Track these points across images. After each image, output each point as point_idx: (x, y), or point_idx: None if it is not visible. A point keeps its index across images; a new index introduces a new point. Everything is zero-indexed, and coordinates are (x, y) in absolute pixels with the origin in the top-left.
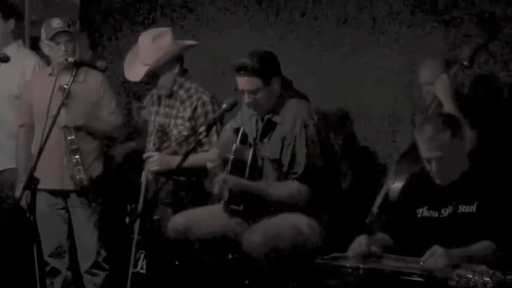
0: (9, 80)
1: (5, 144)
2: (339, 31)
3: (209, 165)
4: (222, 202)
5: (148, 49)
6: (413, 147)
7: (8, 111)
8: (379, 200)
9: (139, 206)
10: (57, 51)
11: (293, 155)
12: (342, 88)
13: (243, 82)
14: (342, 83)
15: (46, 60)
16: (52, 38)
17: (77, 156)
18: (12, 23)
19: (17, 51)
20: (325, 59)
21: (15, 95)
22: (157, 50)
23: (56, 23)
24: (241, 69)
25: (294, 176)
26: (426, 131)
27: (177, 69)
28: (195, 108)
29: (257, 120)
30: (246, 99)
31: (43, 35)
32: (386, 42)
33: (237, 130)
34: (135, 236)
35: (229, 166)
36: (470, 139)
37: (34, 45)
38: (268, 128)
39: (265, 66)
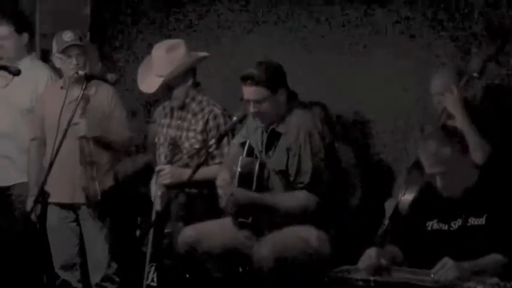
0: (22, 94)
1: (18, 158)
2: (349, 39)
3: (218, 182)
4: (231, 216)
5: (163, 61)
6: None
7: (20, 124)
8: (389, 211)
9: (152, 219)
10: (68, 65)
11: (299, 165)
12: (352, 98)
13: (249, 92)
14: (352, 92)
15: (59, 73)
16: (63, 51)
17: (93, 169)
18: (25, 36)
19: (31, 65)
20: (334, 67)
21: (28, 109)
22: (171, 61)
23: (68, 36)
24: (247, 78)
25: (300, 185)
26: (428, 147)
27: (190, 82)
28: (207, 121)
29: (262, 132)
30: (252, 108)
31: (54, 48)
32: (398, 51)
33: (243, 143)
34: (149, 249)
35: (236, 179)
36: (481, 150)
37: (45, 57)
38: (273, 138)
39: (272, 77)
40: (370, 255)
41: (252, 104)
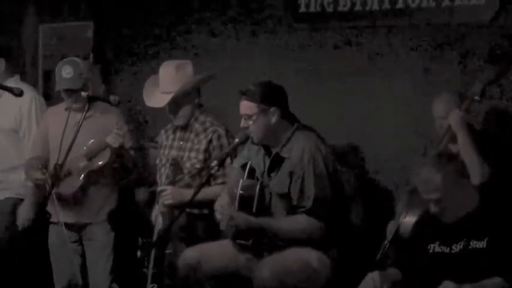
0: (7, 114)
1: (3, 176)
2: (351, 62)
3: (215, 207)
4: (231, 238)
5: (172, 78)
6: None
7: (5, 145)
8: (390, 234)
9: (153, 239)
10: (67, 98)
11: (302, 189)
12: (353, 121)
13: (242, 106)
14: (353, 115)
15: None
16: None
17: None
18: (2, 62)
19: (15, 86)
20: (335, 91)
21: (13, 129)
22: (181, 78)
23: (66, 73)
24: (242, 93)
25: (302, 209)
26: (422, 174)
27: (196, 101)
28: (211, 141)
29: (264, 154)
30: (242, 123)
31: (56, 76)
32: (399, 74)
33: (244, 165)
34: (150, 269)
35: (236, 201)
36: (481, 171)
37: (47, 78)
38: (276, 162)
39: (264, 94)
40: (372, 279)
41: (243, 119)
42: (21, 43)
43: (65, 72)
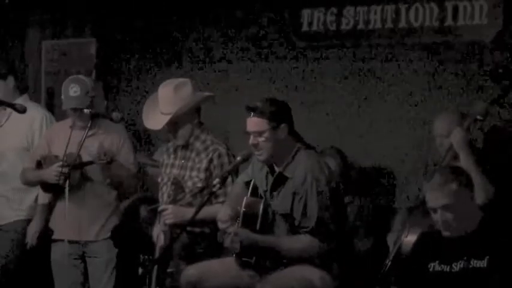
0: (18, 134)
1: (13, 197)
2: (351, 82)
3: (219, 217)
4: (234, 255)
5: (170, 99)
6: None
7: (17, 164)
8: (391, 253)
9: (155, 257)
10: (73, 116)
11: (304, 209)
12: (354, 141)
13: (250, 123)
14: (354, 135)
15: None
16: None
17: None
18: (11, 80)
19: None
20: (336, 111)
21: (25, 147)
22: (179, 99)
23: (74, 91)
24: (250, 110)
25: (305, 229)
26: (435, 179)
27: (195, 121)
28: (211, 160)
29: (267, 173)
30: (251, 140)
31: (62, 93)
32: (398, 94)
33: (247, 182)
34: (153, 287)
35: (240, 219)
36: (484, 191)
37: (50, 95)
38: (279, 181)
39: (273, 111)
40: None
41: (252, 136)
42: (24, 60)
43: (72, 90)
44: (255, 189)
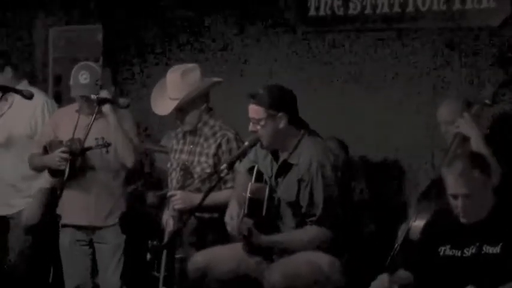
0: (21, 121)
1: (22, 185)
2: (357, 71)
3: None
4: (242, 242)
5: (178, 84)
6: (433, 186)
7: (22, 151)
8: (399, 238)
9: (164, 243)
10: (81, 102)
11: (311, 197)
12: (359, 128)
13: (251, 109)
14: (363, 119)
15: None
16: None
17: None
18: (8, 71)
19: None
20: (341, 99)
21: (28, 135)
22: (186, 85)
23: (83, 78)
24: (251, 97)
25: (312, 218)
26: (457, 167)
27: (203, 106)
28: (220, 145)
29: (272, 159)
30: (251, 126)
31: (71, 80)
32: (404, 80)
33: (251, 168)
34: (161, 273)
35: (246, 205)
36: (495, 172)
37: (57, 81)
38: (284, 168)
39: (273, 99)
40: (381, 281)
41: (252, 123)
42: (32, 46)
43: (82, 77)
44: (259, 175)
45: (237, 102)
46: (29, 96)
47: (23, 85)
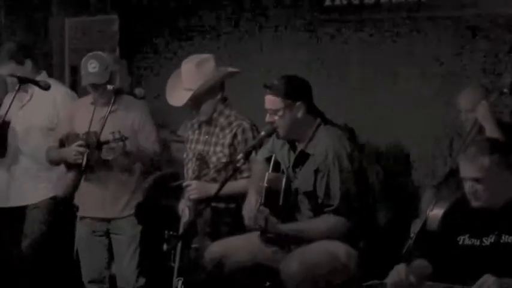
0: (42, 113)
1: (43, 175)
2: (371, 59)
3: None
4: (259, 232)
5: (192, 75)
6: (452, 174)
7: (42, 143)
8: (416, 227)
9: (179, 232)
10: (93, 92)
11: (327, 187)
12: (376, 116)
13: (267, 100)
14: (379, 109)
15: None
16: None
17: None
18: (29, 63)
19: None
20: (358, 88)
21: (48, 127)
22: (201, 75)
23: (92, 67)
24: (267, 87)
25: (329, 208)
26: (470, 151)
27: (219, 96)
28: (235, 135)
29: (289, 149)
30: (267, 118)
31: (81, 71)
32: (421, 68)
33: (268, 158)
34: (177, 263)
35: (263, 195)
36: None
37: (74, 72)
38: (301, 159)
39: (290, 89)
40: (398, 271)
41: (268, 114)
42: (48, 37)
43: (91, 66)
44: (276, 164)
45: (250, 92)
46: (46, 87)
47: (42, 76)
